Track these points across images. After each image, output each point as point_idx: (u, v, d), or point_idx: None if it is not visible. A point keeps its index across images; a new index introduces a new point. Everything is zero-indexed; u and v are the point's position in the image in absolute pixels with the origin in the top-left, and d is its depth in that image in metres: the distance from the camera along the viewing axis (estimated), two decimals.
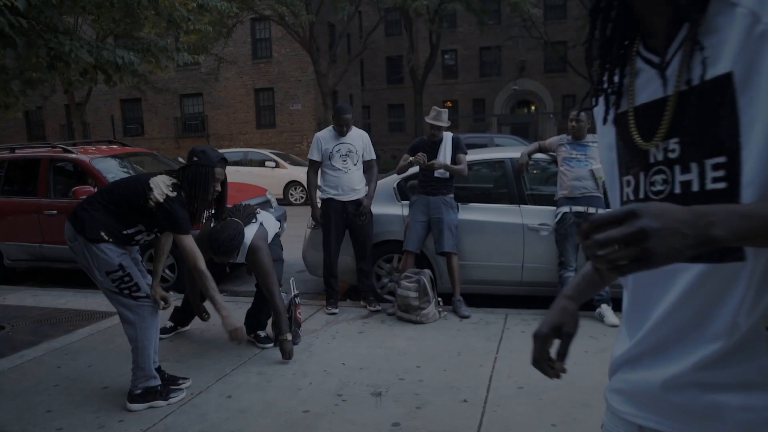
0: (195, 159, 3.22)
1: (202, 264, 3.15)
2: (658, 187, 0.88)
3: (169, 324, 4.41)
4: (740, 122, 0.78)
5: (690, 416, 0.88)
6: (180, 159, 6.30)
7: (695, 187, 0.84)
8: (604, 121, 0.99)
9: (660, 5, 0.86)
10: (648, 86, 0.90)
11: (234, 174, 13.90)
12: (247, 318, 4.19)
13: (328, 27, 24.35)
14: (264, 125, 24.18)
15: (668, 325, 0.90)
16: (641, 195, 0.91)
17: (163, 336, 4.29)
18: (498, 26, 28.76)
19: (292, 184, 14.49)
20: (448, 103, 31.87)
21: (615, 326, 4.31)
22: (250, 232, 3.83)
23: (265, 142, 23.45)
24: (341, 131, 4.84)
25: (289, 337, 3.87)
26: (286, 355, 3.82)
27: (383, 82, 33.90)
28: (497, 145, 13.24)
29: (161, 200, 3.07)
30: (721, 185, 0.80)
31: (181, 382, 3.46)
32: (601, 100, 1.01)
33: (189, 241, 3.14)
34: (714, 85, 0.80)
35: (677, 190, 0.86)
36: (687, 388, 0.87)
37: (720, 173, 0.80)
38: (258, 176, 14.19)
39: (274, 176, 14.56)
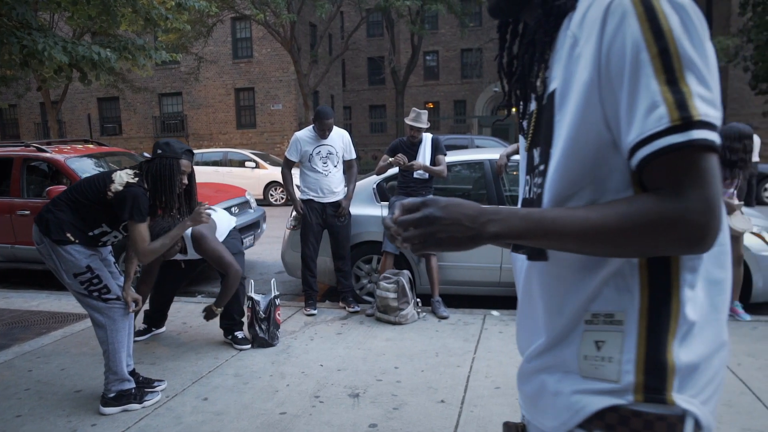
0: (159, 151, 3.15)
1: (148, 246, 3.07)
2: (534, 189, 0.98)
3: (143, 326, 4.36)
4: (554, 135, 0.89)
5: (532, 402, 0.98)
6: (145, 154, 6.20)
7: (533, 193, 0.97)
8: (520, 125, 1.10)
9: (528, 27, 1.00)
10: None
11: (213, 174, 13.93)
12: (221, 318, 4.16)
13: (310, 27, 24.26)
14: (244, 125, 24.00)
15: (519, 319, 1.04)
16: (527, 195, 1.02)
17: (138, 338, 4.24)
18: (479, 28, 28.94)
19: (273, 184, 14.40)
20: (430, 105, 31.96)
21: None
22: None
23: (246, 142, 23.29)
24: (322, 135, 4.82)
25: (218, 311, 3.94)
26: (205, 317, 3.94)
27: (364, 83, 33.88)
28: (478, 147, 13.31)
29: (120, 188, 3.00)
30: (540, 191, 0.93)
31: (156, 384, 3.42)
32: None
33: (142, 228, 3.04)
34: (549, 101, 0.91)
35: (529, 194, 1.00)
36: (528, 377, 0.99)
37: (540, 180, 0.94)
38: (238, 177, 14.10)
39: (254, 177, 14.46)
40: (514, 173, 5.47)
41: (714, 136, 0.77)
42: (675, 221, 0.76)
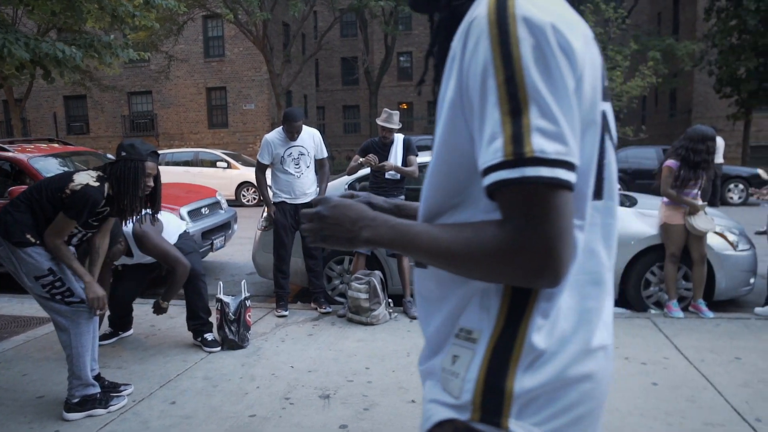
0: (123, 153, 3.08)
1: (57, 240, 2.97)
2: None
3: (109, 330, 4.27)
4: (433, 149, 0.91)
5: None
6: (109, 156, 6.07)
7: None
8: None
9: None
10: None
11: (184, 174, 13.73)
12: (188, 320, 4.10)
13: (283, 26, 24.10)
14: (216, 125, 23.72)
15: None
16: None
17: (104, 342, 4.15)
18: None
19: (245, 185, 14.26)
20: (403, 105, 32.03)
21: None
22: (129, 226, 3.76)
23: (217, 142, 23.02)
24: (291, 137, 4.78)
25: (165, 305, 3.96)
26: (154, 311, 3.97)
27: (338, 83, 33.80)
28: None
29: (78, 188, 2.91)
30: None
31: (122, 388, 3.35)
32: None
33: (66, 224, 2.95)
34: (440, 106, 0.91)
35: None
36: (422, 381, 0.99)
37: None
38: (209, 177, 13.91)
39: (226, 177, 14.29)
40: None
41: (553, 173, 0.73)
42: (513, 254, 0.74)
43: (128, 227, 3.75)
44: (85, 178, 2.97)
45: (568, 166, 0.74)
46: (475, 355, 0.84)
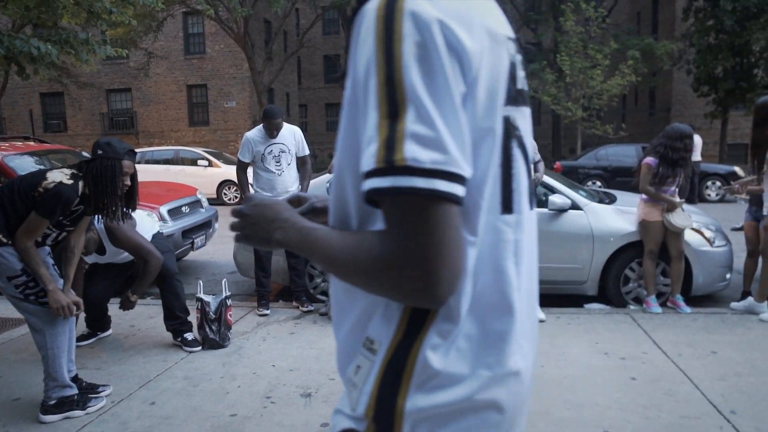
0: (99, 152, 3.03)
1: (28, 241, 2.92)
2: None
3: (86, 330, 4.21)
4: None
5: None
6: (84, 154, 5.98)
7: None
8: None
9: None
10: None
11: (164, 173, 13.59)
12: (166, 320, 4.06)
13: (264, 24, 23.94)
14: (197, 123, 23.50)
15: None
16: None
17: (82, 343, 4.10)
18: None
19: (226, 183, 14.15)
20: None
21: (542, 321, 4.46)
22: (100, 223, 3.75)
23: (198, 140, 22.81)
24: (271, 134, 4.75)
25: (135, 299, 3.87)
26: (121, 306, 3.87)
27: (320, 81, 33.69)
28: None
29: (51, 186, 2.86)
30: None
31: (100, 389, 3.30)
32: None
33: (38, 224, 2.88)
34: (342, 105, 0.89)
35: None
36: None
37: None
38: (190, 175, 13.78)
39: (207, 175, 14.18)
40: None
41: (430, 184, 0.67)
42: (388, 270, 0.70)
43: (99, 224, 3.71)
44: (59, 176, 2.92)
45: (451, 176, 0.68)
46: (373, 366, 0.80)
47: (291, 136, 4.85)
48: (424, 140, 0.67)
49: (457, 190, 0.69)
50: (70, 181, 2.91)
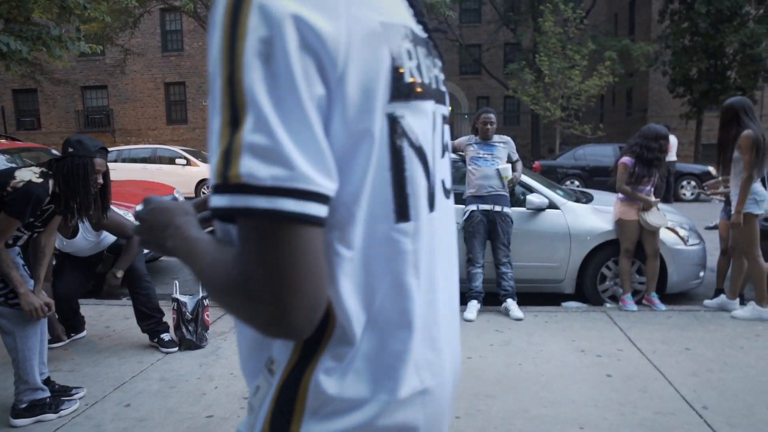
0: (70, 150, 2.97)
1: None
2: None
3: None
4: None
5: None
6: (53, 151, 5.87)
7: None
8: None
9: None
10: None
11: (141, 172, 13.43)
12: (140, 322, 4.00)
13: None
14: (175, 121, 23.24)
15: None
16: None
17: (56, 345, 4.02)
18: None
19: (204, 182, 14.00)
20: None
21: (520, 320, 4.49)
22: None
23: (177, 138, 22.56)
24: None
25: (120, 274, 3.80)
26: (105, 288, 3.80)
27: None
28: None
29: (20, 185, 2.78)
30: None
31: (74, 392, 3.24)
32: None
33: (8, 225, 2.81)
34: None
35: None
36: None
37: None
38: (167, 174, 13.62)
39: (185, 174, 14.02)
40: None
41: (273, 204, 0.59)
42: (238, 293, 0.62)
43: None
44: (28, 174, 2.86)
45: (300, 194, 0.59)
46: (270, 389, 0.73)
47: None
48: (262, 153, 0.58)
49: (311, 209, 0.60)
50: (40, 180, 2.85)
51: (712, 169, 13.65)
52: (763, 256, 4.46)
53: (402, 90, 0.71)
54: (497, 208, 4.66)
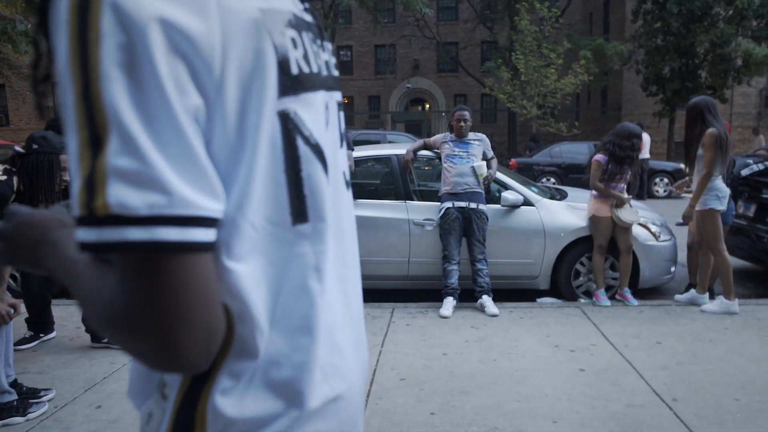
0: (35, 146, 2.91)
1: None
2: None
3: (29, 333, 4.04)
4: None
5: None
6: (17, 148, 5.73)
7: None
8: None
9: None
10: None
11: None
12: (84, 321, 3.94)
13: None
14: None
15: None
16: None
17: (24, 346, 3.93)
18: (393, 24, 29.24)
19: None
20: (344, 99, 31.86)
21: (495, 316, 4.52)
22: None
23: None
24: None
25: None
26: None
27: None
28: (390, 142, 13.45)
29: None
30: None
31: (42, 394, 3.18)
32: None
33: None
34: None
35: None
36: None
37: None
38: None
39: None
40: (426, 168, 5.57)
41: (151, 235, 0.52)
42: (120, 327, 0.55)
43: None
44: None
45: (183, 221, 0.53)
46: (165, 417, 0.66)
47: None
48: (133, 178, 0.51)
49: (196, 235, 0.54)
50: (4, 177, 2.79)
51: (684, 166, 13.91)
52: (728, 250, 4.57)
53: (290, 84, 0.65)
54: (472, 205, 4.68)
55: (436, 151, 5.05)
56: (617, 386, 3.25)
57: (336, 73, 0.80)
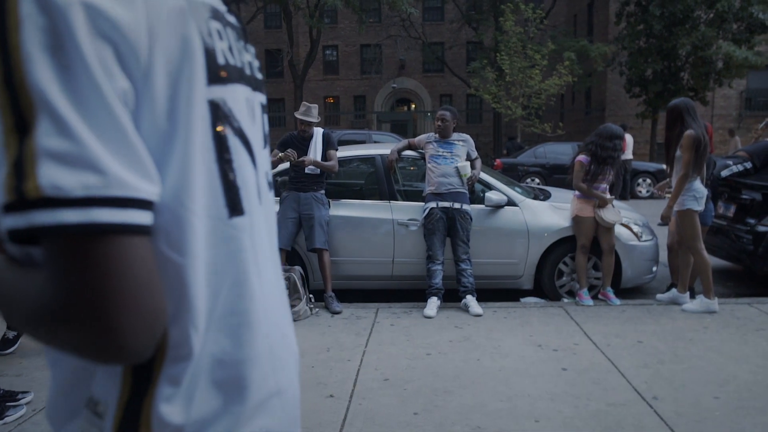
0: None
1: None
2: None
3: (12, 334, 3.98)
4: None
5: None
6: None
7: None
8: None
9: None
10: None
11: None
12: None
13: None
14: None
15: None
16: None
17: (5, 351, 3.87)
18: (378, 24, 29.25)
19: None
20: (330, 99, 31.89)
21: (479, 316, 4.53)
22: None
23: None
24: None
25: None
26: None
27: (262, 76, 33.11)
28: (375, 142, 13.44)
29: None
30: None
31: (20, 397, 3.12)
32: None
33: None
34: None
35: None
36: None
37: None
38: None
39: None
40: (412, 168, 5.56)
41: (87, 216, 0.50)
42: (56, 320, 0.53)
43: None
44: None
45: (119, 202, 0.52)
46: None
47: None
48: (65, 159, 0.50)
49: (133, 217, 0.53)
50: None
51: (666, 167, 14.07)
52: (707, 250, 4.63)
53: (217, 72, 0.65)
54: (456, 206, 4.69)
55: (421, 151, 5.05)
56: (599, 385, 3.28)
57: (260, 76, 0.80)
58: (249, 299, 0.69)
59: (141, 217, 0.54)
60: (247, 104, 0.72)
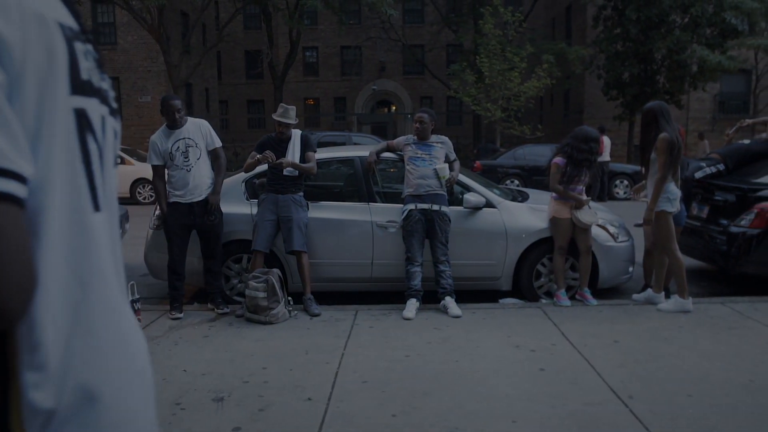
0: None
1: None
2: None
3: None
4: None
5: None
6: None
7: None
8: None
9: None
10: None
11: None
12: None
13: (181, 16, 23.08)
14: None
15: None
16: None
17: None
18: (359, 26, 29.22)
19: (140, 181, 13.54)
20: (310, 101, 31.78)
21: (458, 317, 4.55)
22: None
23: None
24: (174, 123, 4.56)
25: None
26: None
27: (242, 77, 32.93)
28: (355, 144, 13.43)
29: None
30: None
31: None
32: None
33: None
34: None
35: None
36: None
37: None
38: None
39: (119, 173, 13.45)
40: (392, 170, 5.56)
41: None
42: None
43: None
44: None
45: None
46: None
47: (197, 129, 4.65)
48: None
49: (11, 187, 0.57)
50: None
51: (641, 169, 14.28)
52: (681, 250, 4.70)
53: (81, 85, 0.70)
54: (435, 207, 4.70)
55: (399, 153, 5.06)
56: (576, 385, 3.30)
57: (115, 105, 0.84)
58: (111, 290, 0.73)
59: (18, 190, 0.58)
60: (102, 123, 0.76)
